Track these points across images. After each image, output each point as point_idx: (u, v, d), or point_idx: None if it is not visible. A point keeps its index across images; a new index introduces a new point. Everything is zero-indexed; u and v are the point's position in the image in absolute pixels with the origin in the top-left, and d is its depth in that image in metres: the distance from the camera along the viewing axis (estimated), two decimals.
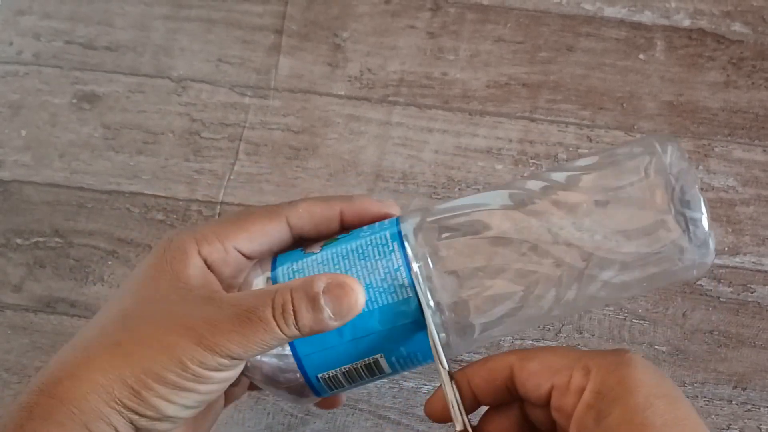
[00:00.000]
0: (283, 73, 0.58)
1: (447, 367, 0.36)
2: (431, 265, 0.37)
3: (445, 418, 0.37)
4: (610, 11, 0.59)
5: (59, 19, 0.61)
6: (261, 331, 0.34)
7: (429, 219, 0.39)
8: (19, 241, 0.55)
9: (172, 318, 0.34)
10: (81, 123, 0.58)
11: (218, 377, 0.35)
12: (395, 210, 0.40)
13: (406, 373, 0.50)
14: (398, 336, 0.37)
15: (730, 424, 0.49)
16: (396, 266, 0.37)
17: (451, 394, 0.36)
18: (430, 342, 0.36)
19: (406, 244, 0.37)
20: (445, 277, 0.37)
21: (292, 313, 0.34)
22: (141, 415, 0.34)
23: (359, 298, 0.35)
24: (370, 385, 0.50)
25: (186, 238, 0.37)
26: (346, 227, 0.40)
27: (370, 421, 0.49)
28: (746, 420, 0.49)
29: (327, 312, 0.34)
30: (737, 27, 0.58)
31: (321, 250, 0.38)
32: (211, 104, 0.58)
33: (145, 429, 0.34)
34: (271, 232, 0.39)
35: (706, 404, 0.49)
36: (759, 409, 0.49)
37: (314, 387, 0.38)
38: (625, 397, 0.32)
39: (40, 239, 0.55)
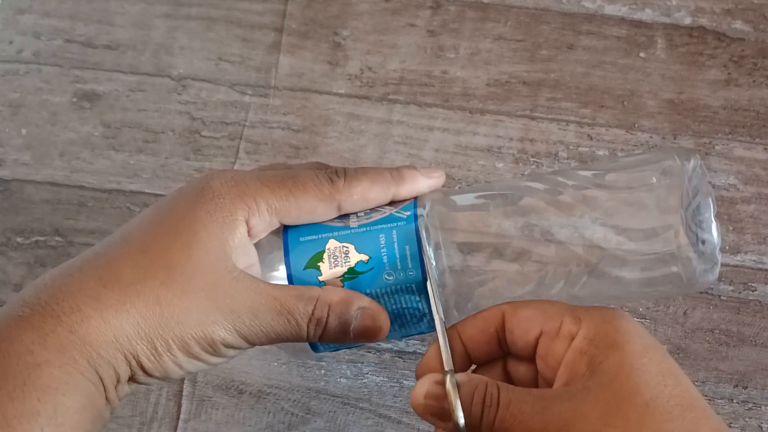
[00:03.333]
0: (283, 72, 0.58)
1: (443, 317, 0.36)
2: (441, 233, 0.37)
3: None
4: (610, 9, 0.59)
5: (59, 17, 0.61)
6: (293, 332, 0.36)
7: (446, 196, 0.39)
8: (19, 240, 0.55)
9: (221, 294, 0.34)
10: (81, 122, 0.58)
11: (229, 354, 0.36)
12: (442, 178, 0.40)
13: (407, 372, 0.50)
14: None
15: (731, 423, 0.49)
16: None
17: (444, 337, 0.36)
18: (429, 290, 0.36)
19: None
20: (452, 247, 0.37)
21: (323, 326, 0.36)
22: (146, 372, 0.34)
23: (383, 332, 0.37)
24: (371, 384, 0.50)
25: (237, 198, 0.36)
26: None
27: (370, 420, 0.49)
28: (747, 419, 0.49)
29: (351, 335, 0.36)
30: (738, 25, 0.58)
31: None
32: (211, 103, 0.58)
33: (139, 381, 0.35)
34: (319, 214, 0.38)
35: (708, 403, 0.49)
36: (760, 407, 0.49)
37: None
38: (621, 344, 0.32)
39: (41, 238, 0.55)
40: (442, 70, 0.58)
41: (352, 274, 0.37)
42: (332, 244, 0.38)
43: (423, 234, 0.37)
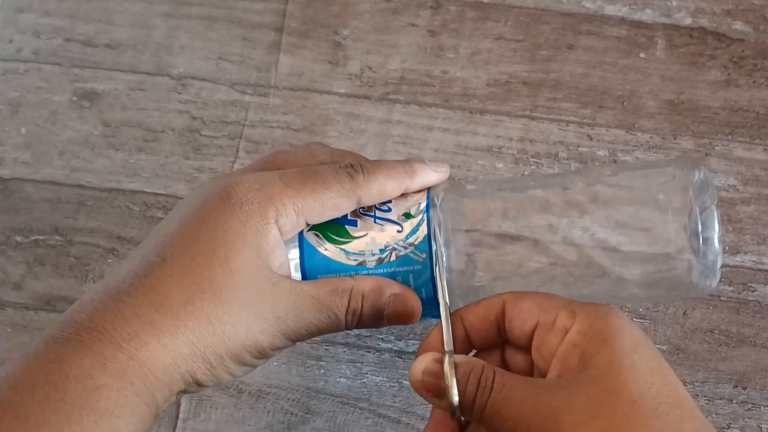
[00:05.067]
0: (283, 71, 0.58)
1: (448, 301, 0.37)
2: (449, 220, 0.38)
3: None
4: (610, 9, 0.59)
5: (59, 16, 0.60)
6: (332, 325, 0.38)
7: (461, 187, 0.40)
8: (19, 239, 0.54)
9: (263, 305, 0.36)
10: (81, 121, 0.57)
11: (275, 354, 0.38)
12: (448, 172, 0.41)
13: (406, 372, 0.50)
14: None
15: (731, 423, 0.49)
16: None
17: (447, 322, 0.37)
18: (435, 274, 0.38)
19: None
20: (459, 233, 0.38)
21: (359, 315, 0.38)
22: (200, 385, 0.35)
23: (415, 317, 0.38)
24: (370, 384, 0.50)
25: (266, 204, 0.36)
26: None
27: (370, 420, 0.49)
28: (747, 419, 0.49)
29: (385, 321, 0.38)
30: (738, 26, 0.58)
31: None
32: (211, 102, 0.58)
33: (189, 391, 0.36)
34: (341, 209, 0.38)
35: (707, 403, 0.49)
36: (759, 408, 0.49)
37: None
38: (612, 340, 0.33)
39: (40, 237, 0.54)
40: (442, 69, 0.58)
41: None
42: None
43: (435, 225, 0.38)
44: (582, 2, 0.59)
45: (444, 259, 0.38)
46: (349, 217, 0.39)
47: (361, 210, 0.39)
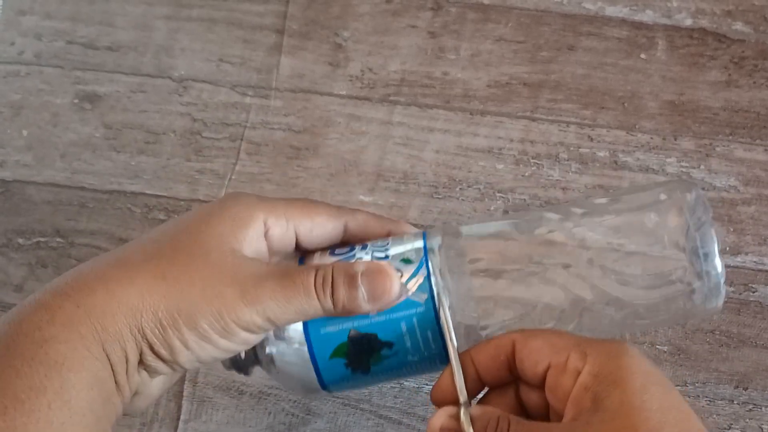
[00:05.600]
0: (284, 73, 0.58)
1: (456, 343, 0.37)
2: (449, 262, 0.38)
3: (449, 401, 0.37)
4: (611, 10, 0.59)
5: (60, 19, 0.61)
6: (302, 296, 0.36)
7: (455, 229, 0.40)
8: (20, 241, 0.55)
9: (223, 267, 0.35)
10: (82, 123, 0.58)
11: (240, 338, 0.35)
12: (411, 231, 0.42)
13: None
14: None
15: (732, 424, 0.49)
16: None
17: (458, 369, 0.37)
18: (442, 318, 0.37)
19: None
20: (458, 278, 0.38)
21: (330, 286, 0.36)
22: (154, 351, 0.34)
23: (394, 284, 0.37)
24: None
25: (256, 203, 0.38)
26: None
27: (371, 421, 0.49)
28: (748, 420, 0.49)
29: (362, 292, 0.36)
30: (739, 26, 0.58)
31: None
32: (212, 104, 0.58)
33: (148, 365, 0.35)
34: (330, 230, 0.40)
35: (708, 404, 0.49)
36: (761, 408, 0.49)
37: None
38: (623, 381, 0.33)
39: (42, 239, 0.55)
40: (442, 71, 0.58)
41: (378, 359, 0.39)
42: (354, 333, 0.39)
43: (435, 269, 0.38)
44: (582, 3, 0.59)
45: (447, 302, 0.37)
46: None
47: None
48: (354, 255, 0.39)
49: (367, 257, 0.39)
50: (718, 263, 0.36)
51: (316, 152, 0.56)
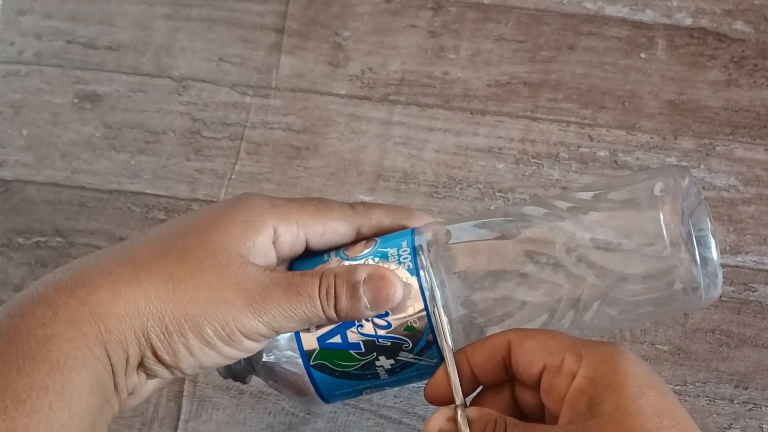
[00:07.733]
0: (284, 73, 0.58)
1: (451, 345, 0.37)
2: (440, 263, 0.38)
3: (444, 400, 0.37)
4: (611, 10, 0.59)
5: (60, 18, 0.61)
6: (307, 305, 0.36)
7: (443, 227, 0.40)
8: (20, 240, 0.55)
9: (230, 273, 0.35)
10: (82, 122, 0.58)
11: (244, 345, 0.35)
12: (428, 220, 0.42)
13: None
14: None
15: (732, 424, 0.49)
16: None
17: (453, 370, 0.37)
18: (434, 320, 0.37)
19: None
20: (453, 277, 0.38)
21: (334, 294, 0.36)
22: (156, 355, 0.34)
23: (397, 291, 0.37)
24: None
25: (269, 209, 0.37)
26: None
27: (371, 421, 0.49)
28: (748, 419, 0.49)
29: (364, 301, 0.36)
30: (739, 26, 0.58)
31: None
32: (212, 104, 0.58)
33: (148, 368, 0.35)
34: (341, 234, 0.39)
35: (708, 404, 0.49)
36: (761, 408, 0.49)
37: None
38: (618, 386, 0.33)
39: (42, 239, 0.55)
40: (442, 71, 0.58)
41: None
42: (367, 393, 0.40)
43: (429, 268, 0.38)
44: (582, 3, 0.59)
45: (440, 301, 0.37)
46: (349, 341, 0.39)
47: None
48: (368, 384, 0.39)
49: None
50: (714, 248, 0.36)
51: (316, 152, 0.56)
